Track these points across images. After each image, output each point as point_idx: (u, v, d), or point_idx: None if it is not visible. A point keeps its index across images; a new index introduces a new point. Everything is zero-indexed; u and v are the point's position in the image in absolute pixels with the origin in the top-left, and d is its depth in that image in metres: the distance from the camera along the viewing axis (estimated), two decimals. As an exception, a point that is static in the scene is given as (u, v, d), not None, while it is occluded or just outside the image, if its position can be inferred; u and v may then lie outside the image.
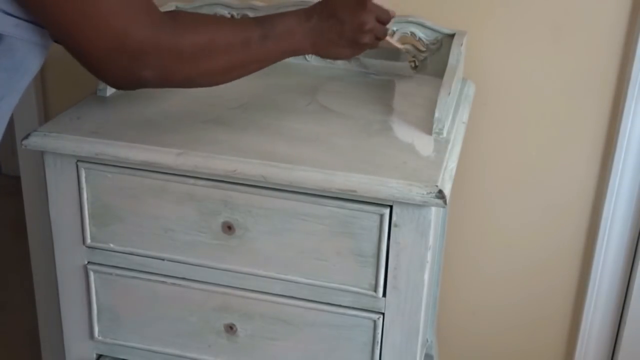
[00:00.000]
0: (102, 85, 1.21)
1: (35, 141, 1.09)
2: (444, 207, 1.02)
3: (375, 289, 1.08)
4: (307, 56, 1.38)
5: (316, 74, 1.35)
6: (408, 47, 1.31)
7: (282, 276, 1.11)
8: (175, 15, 0.93)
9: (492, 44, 1.41)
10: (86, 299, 1.20)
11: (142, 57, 0.89)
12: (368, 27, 1.08)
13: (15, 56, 0.89)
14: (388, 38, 1.16)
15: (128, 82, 0.92)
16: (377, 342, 1.11)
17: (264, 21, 1.02)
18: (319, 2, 1.08)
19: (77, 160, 1.11)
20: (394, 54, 1.34)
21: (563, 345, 1.61)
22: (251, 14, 1.37)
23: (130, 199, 1.11)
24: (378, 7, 1.10)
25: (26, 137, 1.10)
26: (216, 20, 1.04)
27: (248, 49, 1.00)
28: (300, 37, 1.04)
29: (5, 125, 0.96)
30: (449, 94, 1.15)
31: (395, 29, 1.32)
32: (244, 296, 1.14)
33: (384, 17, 1.11)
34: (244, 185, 1.06)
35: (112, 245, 1.15)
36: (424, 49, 1.34)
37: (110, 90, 1.22)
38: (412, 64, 1.35)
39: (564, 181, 1.48)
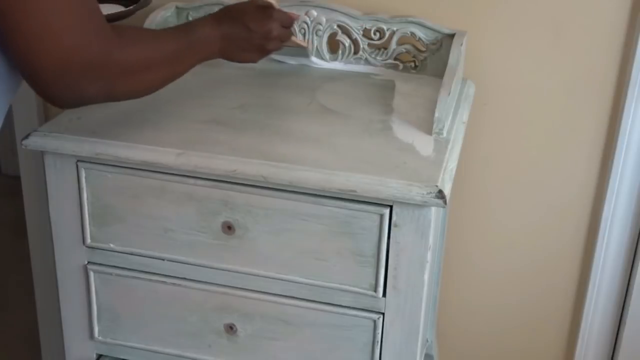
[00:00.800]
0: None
1: (35, 141, 1.09)
2: (444, 207, 1.02)
3: (375, 289, 1.08)
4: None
5: (316, 74, 1.35)
6: (308, 40, 1.36)
7: (282, 276, 1.11)
8: (120, 31, 0.93)
9: (492, 44, 1.41)
10: (86, 299, 1.20)
11: (91, 73, 0.88)
12: (274, 34, 1.16)
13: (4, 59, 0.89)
14: (293, 38, 1.25)
15: (74, 99, 0.91)
16: (377, 342, 1.11)
17: (187, 31, 1.08)
18: (226, 9, 1.14)
19: (77, 160, 1.11)
20: None
21: (563, 345, 1.61)
22: (251, 14, 1.37)
23: (130, 199, 1.11)
24: (281, 14, 1.19)
25: (26, 137, 1.10)
26: (151, 34, 1.06)
27: (179, 60, 1.05)
28: (213, 43, 1.11)
29: (2, 120, 0.96)
30: (449, 94, 1.15)
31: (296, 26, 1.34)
32: (244, 296, 1.14)
33: (287, 22, 1.20)
34: (244, 185, 1.06)
35: (112, 245, 1.15)
36: (424, 49, 1.34)
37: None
38: (412, 64, 1.35)
39: (564, 181, 1.48)
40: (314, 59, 1.36)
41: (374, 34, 1.34)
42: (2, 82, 0.91)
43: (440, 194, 0.99)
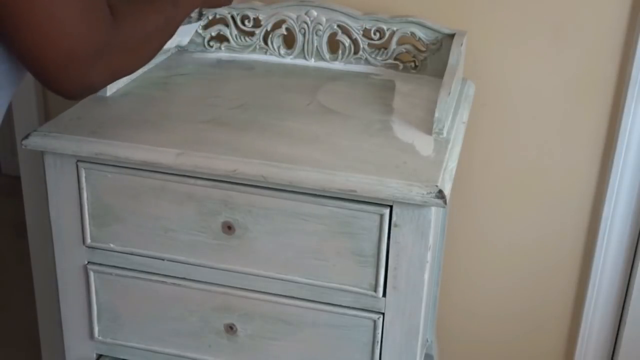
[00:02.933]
0: (102, 85, 1.21)
1: (35, 141, 1.09)
2: (444, 207, 1.02)
3: (375, 289, 1.08)
4: (306, 56, 1.38)
5: (316, 74, 1.35)
6: None
7: (282, 276, 1.11)
8: (116, 12, 0.91)
9: (492, 44, 1.41)
10: (86, 299, 1.20)
11: (96, 61, 0.87)
12: None
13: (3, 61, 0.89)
14: None
15: (82, 88, 0.90)
16: (377, 342, 1.11)
17: None
18: None
19: (77, 160, 1.11)
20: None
21: (563, 345, 1.61)
22: (251, 14, 1.37)
23: (130, 199, 1.11)
24: None
25: (26, 137, 1.10)
26: (140, 7, 1.02)
27: (169, 23, 1.05)
28: None
29: (2, 116, 0.95)
30: (449, 94, 1.15)
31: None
32: (244, 296, 1.14)
33: None
34: (244, 185, 1.06)
35: (112, 245, 1.15)
36: (424, 49, 1.34)
37: (110, 90, 1.22)
38: (412, 64, 1.35)
39: (564, 181, 1.48)
40: None
41: (374, 34, 1.34)
42: (3, 76, 0.91)
43: (440, 194, 0.99)
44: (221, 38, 1.41)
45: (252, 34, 1.39)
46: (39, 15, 0.82)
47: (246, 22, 1.39)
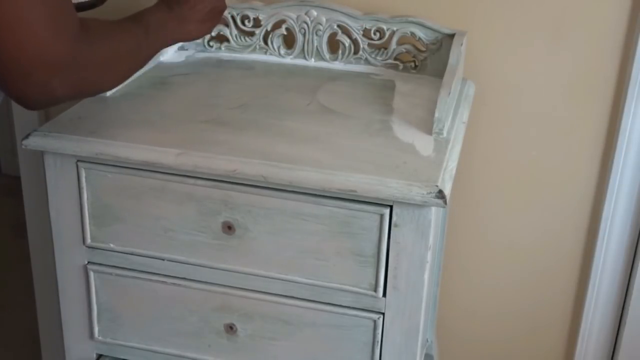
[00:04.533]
0: (102, 85, 1.21)
1: (35, 141, 1.09)
2: (444, 207, 1.02)
3: (375, 289, 1.08)
4: (306, 56, 1.38)
5: (316, 74, 1.35)
6: None
7: (282, 276, 1.11)
8: (85, 25, 0.90)
9: (492, 44, 1.41)
10: (86, 299, 1.20)
11: (61, 71, 0.86)
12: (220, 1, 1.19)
13: None
14: None
15: (44, 98, 0.88)
16: (377, 342, 1.11)
17: (140, 19, 1.07)
18: None
19: (77, 160, 1.11)
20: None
21: (563, 344, 1.61)
22: (251, 14, 1.37)
23: (130, 199, 1.11)
24: None
25: (26, 137, 1.10)
26: (113, 28, 1.02)
27: (140, 50, 1.04)
28: (172, 26, 1.11)
29: None
30: (449, 94, 1.15)
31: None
32: (244, 296, 1.14)
33: None
34: (244, 185, 1.06)
35: (112, 245, 1.15)
36: (424, 49, 1.34)
37: (110, 90, 1.22)
38: (412, 64, 1.35)
39: (564, 181, 1.48)
40: None
41: (374, 34, 1.34)
42: None
43: (440, 194, 0.99)
44: (221, 38, 1.41)
45: (252, 34, 1.39)
46: (3, 19, 0.80)
47: (246, 22, 1.39)
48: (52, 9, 0.83)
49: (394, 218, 1.03)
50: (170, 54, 1.39)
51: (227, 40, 1.40)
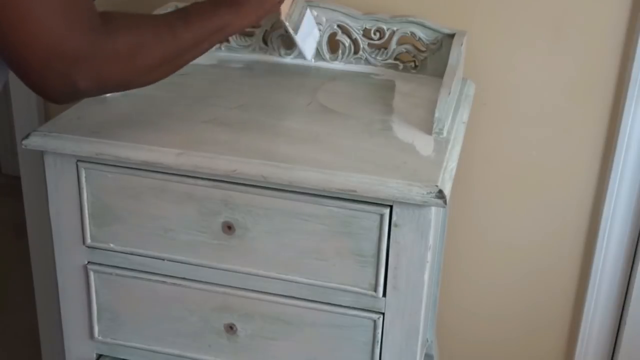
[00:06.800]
0: (102, 85, 1.21)
1: (35, 141, 1.09)
2: (444, 207, 1.02)
3: (375, 289, 1.08)
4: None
5: (316, 74, 1.35)
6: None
7: (282, 276, 1.11)
8: (107, 17, 0.89)
9: (492, 44, 1.41)
10: (86, 299, 1.20)
11: (80, 63, 0.85)
12: None
13: None
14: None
15: (66, 92, 0.88)
16: (377, 341, 1.11)
17: (182, 9, 1.01)
18: None
19: (77, 160, 1.11)
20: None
21: (563, 345, 1.61)
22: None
23: (130, 199, 1.11)
24: None
25: (26, 137, 1.10)
26: (140, 18, 0.98)
27: (175, 37, 0.97)
28: (222, 12, 1.03)
29: None
30: (449, 94, 1.15)
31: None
32: (244, 296, 1.14)
33: None
34: (244, 185, 1.06)
35: (112, 245, 1.15)
36: (424, 49, 1.34)
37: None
38: (412, 64, 1.35)
39: (564, 181, 1.48)
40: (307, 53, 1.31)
41: (374, 34, 1.34)
42: None
43: (440, 194, 0.99)
44: (221, 38, 1.41)
45: (252, 34, 1.39)
46: (17, 12, 0.80)
47: (246, 22, 1.38)
48: (65, 3, 0.83)
49: (394, 218, 1.03)
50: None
51: (227, 40, 1.40)
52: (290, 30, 1.23)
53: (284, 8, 1.19)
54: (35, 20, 0.81)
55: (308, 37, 1.31)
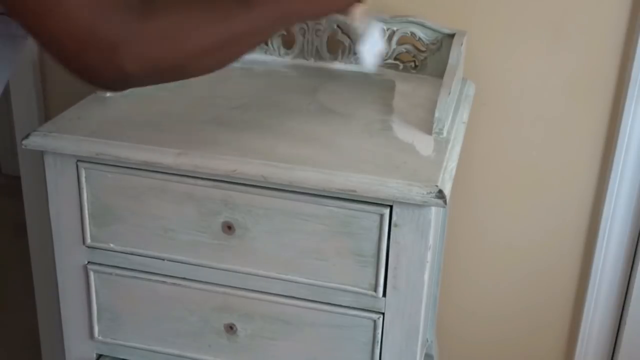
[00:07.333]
0: (102, 85, 1.21)
1: (35, 141, 1.09)
2: (444, 207, 1.02)
3: (375, 289, 1.08)
4: (306, 56, 1.38)
5: (316, 74, 1.35)
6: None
7: (282, 276, 1.11)
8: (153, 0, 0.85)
9: (492, 44, 1.41)
10: (86, 299, 1.20)
11: (121, 45, 0.81)
12: None
13: None
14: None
15: (114, 78, 0.84)
16: (377, 341, 1.11)
17: None
18: None
19: (77, 160, 1.11)
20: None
21: (563, 345, 1.61)
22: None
23: (130, 199, 1.11)
24: None
25: (26, 137, 1.10)
26: (192, 2, 0.90)
27: (233, 20, 0.90)
28: None
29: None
30: (449, 94, 1.15)
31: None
32: (244, 296, 1.14)
33: None
34: (244, 185, 1.06)
35: (112, 245, 1.15)
36: (424, 49, 1.34)
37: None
38: (412, 64, 1.35)
39: (564, 181, 1.48)
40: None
41: (374, 34, 1.34)
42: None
43: (440, 194, 0.99)
44: (221, 38, 1.40)
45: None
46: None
47: (246, 22, 1.38)
48: None
49: (394, 218, 1.03)
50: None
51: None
52: (358, 38, 1.20)
53: (356, 13, 1.11)
54: (67, 3, 0.78)
55: (372, 47, 1.27)
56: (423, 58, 1.34)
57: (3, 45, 0.87)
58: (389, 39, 1.34)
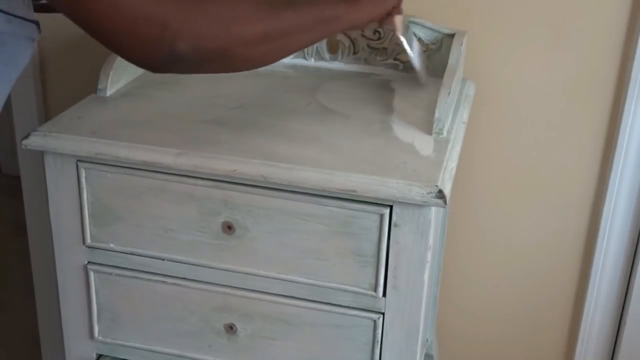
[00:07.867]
0: (102, 85, 1.21)
1: (35, 141, 1.09)
2: (444, 207, 1.02)
3: (375, 289, 1.08)
4: (306, 56, 1.38)
5: (316, 74, 1.35)
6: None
7: (282, 276, 1.11)
8: None
9: (492, 44, 1.41)
10: (86, 299, 1.20)
11: (172, 24, 0.82)
12: None
13: (6, 51, 0.88)
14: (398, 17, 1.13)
15: (162, 57, 0.85)
16: (377, 341, 1.11)
17: None
18: None
19: (77, 160, 1.11)
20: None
21: (563, 345, 1.61)
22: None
23: (130, 199, 1.11)
24: None
25: (26, 137, 1.10)
26: None
27: (277, 15, 0.93)
28: (335, 1, 0.98)
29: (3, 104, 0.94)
30: (449, 94, 1.15)
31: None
32: (244, 296, 1.14)
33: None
34: (244, 185, 1.06)
35: (112, 245, 1.15)
36: (423, 49, 1.34)
37: (110, 90, 1.21)
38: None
39: (564, 181, 1.48)
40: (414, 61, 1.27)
41: (374, 34, 1.34)
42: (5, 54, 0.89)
43: (440, 194, 0.99)
44: (221, 38, 1.40)
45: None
46: None
47: (246, 22, 1.38)
48: None
49: (394, 218, 1.03)
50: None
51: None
52: (406, 46, 1.21)
53: (398, 23, 1.14)
54: None
55: (419, 55, 1.28)
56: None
57: (17, 47, 0.88)
58: (389, 39, 1.34)
